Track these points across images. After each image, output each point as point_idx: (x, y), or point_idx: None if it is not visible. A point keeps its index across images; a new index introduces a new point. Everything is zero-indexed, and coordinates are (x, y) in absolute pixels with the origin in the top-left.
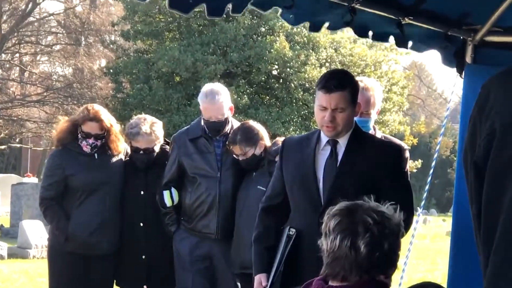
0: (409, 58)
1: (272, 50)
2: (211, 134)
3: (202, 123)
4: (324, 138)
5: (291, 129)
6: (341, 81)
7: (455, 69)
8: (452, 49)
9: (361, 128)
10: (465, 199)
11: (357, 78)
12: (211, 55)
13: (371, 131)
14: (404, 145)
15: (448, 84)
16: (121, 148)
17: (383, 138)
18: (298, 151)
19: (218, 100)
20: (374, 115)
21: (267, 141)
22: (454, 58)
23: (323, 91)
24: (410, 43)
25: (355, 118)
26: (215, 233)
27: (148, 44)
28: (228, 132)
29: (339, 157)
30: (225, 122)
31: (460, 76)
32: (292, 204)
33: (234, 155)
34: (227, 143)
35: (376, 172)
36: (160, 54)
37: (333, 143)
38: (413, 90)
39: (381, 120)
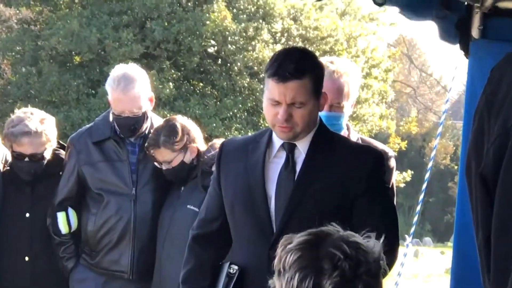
0: (395, 31)
1: (208, 21)
2: (123, 135)
3: (111, 120)
4: (277, 141)
5: (233, 127)
6: (299, 65)
7: (457, 46)
8: (453, 19)
9: (327, 127)
10: (470, 224)
11: (324, 59)
12: (124, 30)
13: (344, 132)
14: (389, 150)
15: (447, 67)
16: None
17: (359, 141)
18: (241, 159)
19: (133, 87)
20: (348, 109)
21: (200, 145)
22: (455, 31)
23: (274, 79)
24: (395, 9)
25: (320, 113)
26: (128, 272)
27: (37, 12)
28: (146, 132)
29: (298, 167)
30: (143, 118)
31: (465, 55)
32: (233, 232)
33: (156, 163)
34: (145, 146)
35: (348, 188)
36: (54, 27)
37: (289, 148)
38: (401, 74)
39: (355, 115)
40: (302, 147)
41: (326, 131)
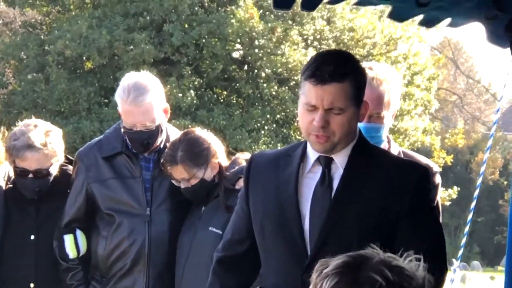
0: (439, 34)
1: (233, 21)
2: (136, 150)
3: (122, 133)
4: (312, 155)
5: (261, 140)
6: (339, 67)
7: (508, 50)
8: (504, 20)
9: (368, 139)
10: None
11: (363, 64)
12: (139, 33)
13: (384, 145)
14: (433, 165)
15: (497, 72)
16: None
17: (401, 154)
18: (272, 174)
19: (145, 98)
20: (388, 120)
21: (222, 160)
22: (506, 33)
23: (312, 81)
24: (445, 20)
25: (360, 125)
26: None
27: (43, 14)
28: (161, 146)
29: (335, 184)
30: (157, 131)
31: None
32: (262, 254)
33: (173, 181)
34: (162, 162)
35: (391, 207)
36: (62, 30)
37: (325, 162)
38: (446, 81)
39: (395, 128)
40: (339, 161)
41: (366, 144)
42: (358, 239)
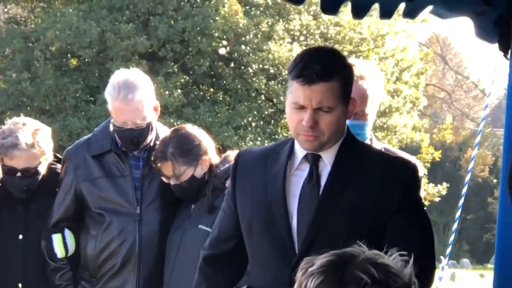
0: (427, 29)
1: (217, 18)
2: (126, 149)
3: (112, 130)
4: (299, 152)
5: (247, 137)
6: (327, 66)
7: (496, 45)
8: (493, 16)
9: (353, 134)
10: None
11: None
12: (126, 25)
13: (367, 142)
14: (416, 161)
15: (486, 68)
16: None
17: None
18: (260, 172)
19: (135, 96)
20: (372, 117)
21: (213, 157)
22: (495, 29)
23: (299, 81)
24: (429, 8)
25: (347, 122)
26: None
27: (29, 10)
28: (151, 144)
29: (322, 181)
30: (147, 129)
31: (504, 56)
32: (250, 253)
33: (163, 178)
34: (152, 159)
35: (380, 204)
36: (48, 23)
37: (313, 159)
38: (434, 77)
39: (385, 125)
40: (327, 159)
41: (354, 141)
42: (347, 237)
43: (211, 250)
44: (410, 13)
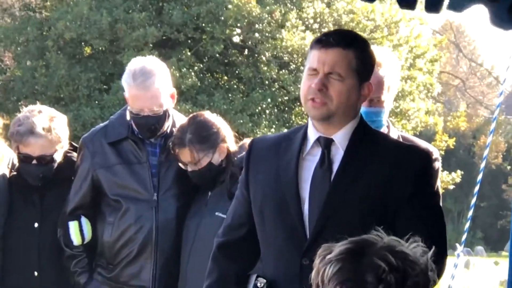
0: (441, 16)
1: (230, 5)
2: (143, 135)
3: (128, 118)
4: (312, 136)
5: (262, 124)
6: (347, 36)
7: (510, 32)
8: (507, 2)
9: (368, 123)
10: None
11: None
12: (139, 13)
13: (384, 129)
14: (433, 149)
15: (500, 55)
16: (2, 160)
17: (400, 139)
18: (273, 158)
19: (152, 83)
20: (388, 104)
21: (231, 145)
22: (509, 15)
23: (317, 46)
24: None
25: (361, 109)
26: (150, 287)
27: None
28: (168, 131)
29: (335, 166)
30: (164, 116)
31: None
32: (261, 239)
33: (181, 164)
34: (170, 145)
35: (392, 191)
36: (60, 12)
37: (325, 143)
38: (448, 64)
39: (398, 110)
40: (340, 143)
41: (367, 127)
42: (358, 223)
43: (224, 237)
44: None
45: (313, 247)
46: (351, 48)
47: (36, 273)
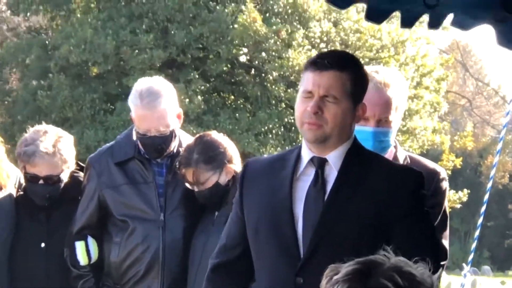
0: (448, 35)
1: (236, 24)
2: (149, 156)
3: (135, 139)
4: (306, 156)
5: (268, 144)
6: (342, 58)
7: None
8: None
9: (376, 143)
10: None
11: (368, 68)
12: (145, 35)
13: (391, 149)
14: (440, 169)
15: (507, 75)
16: (9, 178)
17: (407, 159)
18: (267, 178)
19: (159, 103)
20: (396, 124)
21: (237, 165)
22: None
23: (311, 68)
24: (449, 16)
25: (368, 129)
26: None
27: (48, 19)
28: (175, 151)
29: (328, 186)
30: (171, 136)
31: None
32: (256, 259)
33: (187, 184)
34: (177, 165)
35: (385, 211)
36: (65, 33)
37: (319, 162)
38: (455, 84)
39: (404, 128)
40: (334, 163)
41: (360, 148)
42: (352, 242)
43: (218, 258)
44: (434, 23)
45: (307, 266)
46: (346, 71)
47: None
